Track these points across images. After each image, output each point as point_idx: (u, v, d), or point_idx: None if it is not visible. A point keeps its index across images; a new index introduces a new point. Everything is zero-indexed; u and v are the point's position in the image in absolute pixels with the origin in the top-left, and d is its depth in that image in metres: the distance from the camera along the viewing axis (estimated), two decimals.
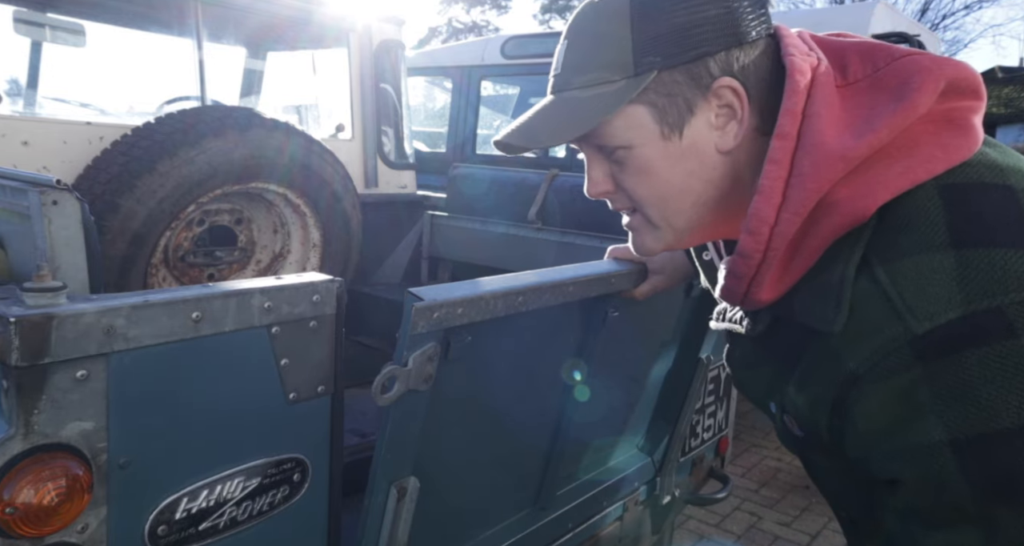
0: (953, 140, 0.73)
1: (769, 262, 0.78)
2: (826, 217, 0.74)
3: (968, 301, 0.66)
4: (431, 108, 8.50)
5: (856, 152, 0.73)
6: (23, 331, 0.82)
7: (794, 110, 0.76)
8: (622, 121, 0.80)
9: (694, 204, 0.84)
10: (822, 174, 0.73)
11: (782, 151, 0.75)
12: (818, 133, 0.74)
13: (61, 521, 0.89)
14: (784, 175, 0.75)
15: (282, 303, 1.08)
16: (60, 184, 1.19)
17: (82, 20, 2.96)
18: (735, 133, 0.80)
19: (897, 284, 0.69)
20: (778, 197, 0.75)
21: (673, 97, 0.79)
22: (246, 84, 3.59)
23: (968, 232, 0.69)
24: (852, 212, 0.72)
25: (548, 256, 2.66)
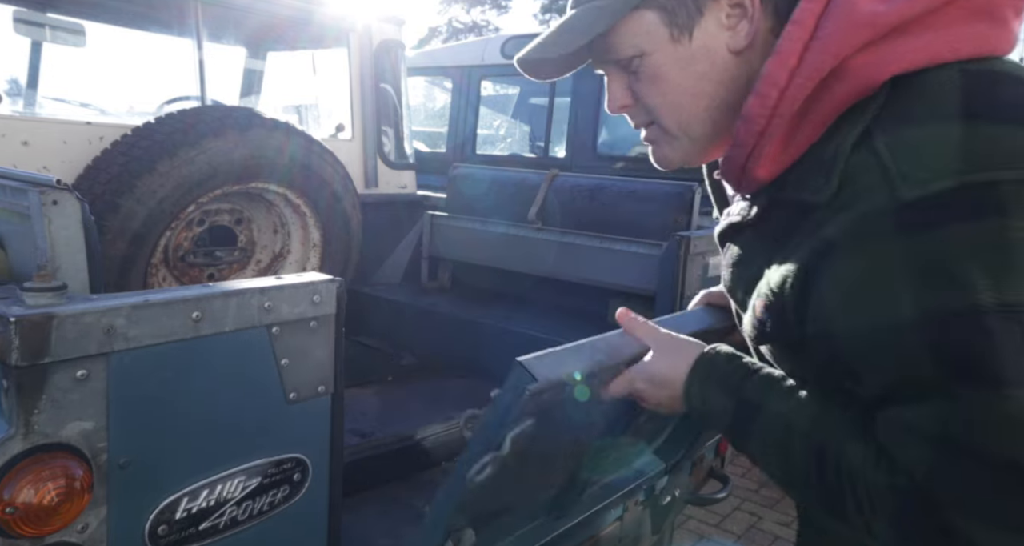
0: (987, 30, 0.71)
1: (772, 132, 0.75)
2: (836, 84, 0.71)
3: (964, 171, 0.63)
4: (431, 108, 8.50)
5: (885, 19, 0.70)
6: (23, 331, 0.82)
7: None
8: (632, 27, 0.81)
9: (707, 108, 0.83)
10: (845, 38, 0.71)
11: (809, 12, 0.73)
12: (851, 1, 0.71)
13: (61, 521, 0.89)
14: (805, 37, 0.73)
15: (282, 303, 1.08)
16: (60, 184, 1.19)
17: (82, 20, 2.96)
18: (747, 32, 0.78)
19: (894, 152, 0.67)
20: (794, 60, 0.73)
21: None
22: (246, 84, 3.59)
23: (983, 107, 0.66)
24: (862, 79, 0.70)
25: (548, 256, 2.66)
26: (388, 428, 1.92)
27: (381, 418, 2.01)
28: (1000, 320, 0.60)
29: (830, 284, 0.70)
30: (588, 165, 4.54)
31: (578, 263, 2.59)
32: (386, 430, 1.91)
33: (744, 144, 0.78)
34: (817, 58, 0.72)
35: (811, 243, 0.72)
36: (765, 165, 0.78)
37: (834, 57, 0.71)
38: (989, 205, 0.62)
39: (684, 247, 2.04)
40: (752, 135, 0.77)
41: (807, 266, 0.73)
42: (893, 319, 0.65)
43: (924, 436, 0.65)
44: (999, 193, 0.62)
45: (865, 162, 0.69)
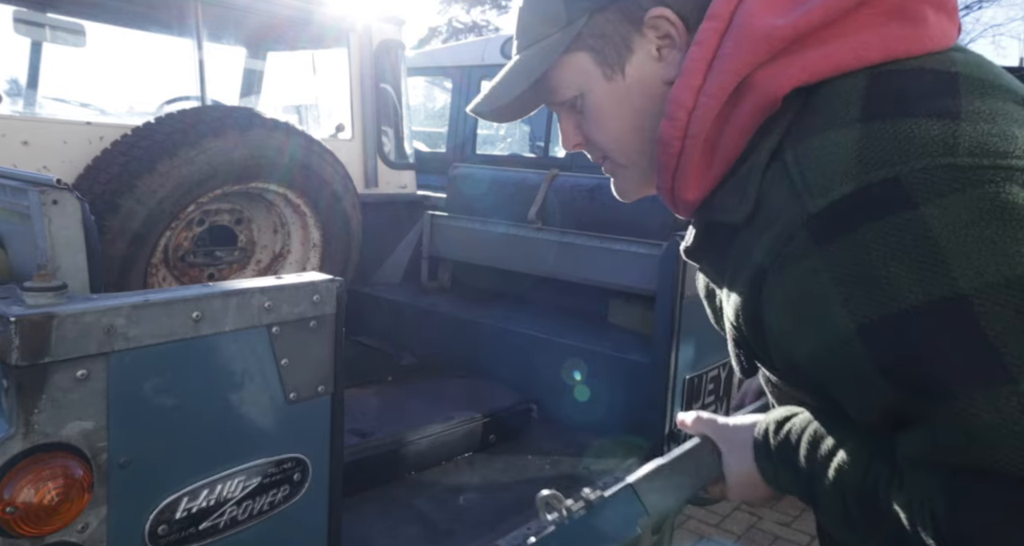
0: (897, 30, 0.68)
1: (689, 153, 0.75)
2: (742, 100, 0.71)
3: (864, 172, 0.61)
4: (431, 108, 8.50)
5: (781, 32, 0.69)
6: (23, 330, 0.82)
7: None
8: (566, 71, 0.83)
9: (651, 140, 0.82)
10: (743, 54, 0.70)
11: (710, 32, 0.73)
12: (747, 14, 0.71)
13: (61, 520, 0.89)
14: (708, 57, 0.72)
15: (282, 303, 1.08)
16: (60, 184, 1.19)
17: (82, 20, 2.96)
18: (677, 61, 0.77)
19: (799, 163, 0.66)
20: (698, 80, 0.73)
21: (609, 37, 0.79)
22: (246, 84, 3.60)
23: (881, 105, 0.64)
24: (764, 92, 0.69)
25: (548, 256, 2.66)
26: (388, 428, 1.93)
27: (381, 418, 2.01)
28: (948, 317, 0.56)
29: (773, 314, 0.69)
30: (588, 165, 4.53)
31: (578, 263, 2.59)
32: (386, 430, 1.91)
33: (666, 167, 0.78)
34: (718, 77, 0.71)
35: (745, 272, 0.71)
36: (690, 187, 0.78)
37: (734, 74, 0.71)
38: (895, 200, 0.59)
39: None
40: (671, 157, 0.77)
41: (750, 297, 0.71)
42: (835, 337, 0.62)
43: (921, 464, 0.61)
44: (902, 186, 0.59)
45: (776, 178, 0.68)
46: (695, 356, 2.14)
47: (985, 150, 0.58)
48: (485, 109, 0.89)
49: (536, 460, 2.07)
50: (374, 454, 1.83)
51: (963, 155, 0.58)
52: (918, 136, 0.60)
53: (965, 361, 0.55)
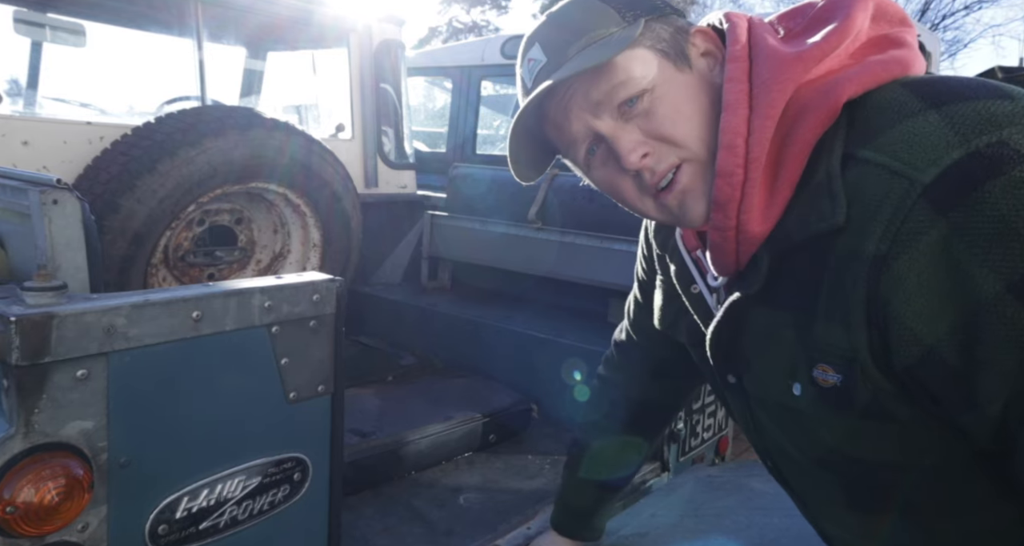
0: (901, 52, 0.77)
1: (753, 179, 0.75)
2: (800, 119, 0.74)
3: (967, 140, 0.63)
4: (431, 108, 8.50)
5: (809, 53, 0.76)
6: (24, 330, 0.82)
7: (739, 38, 0.80)
8: (637, 63, 0.81)
9: None
10: (783, 76, 0.75)
11: (738, 70, 0.78)
12: (767, 47, 0.78)
13: (61, 520, 0.89)
14: (746, 89, 0.77)
15: (282, 302, 1.08)
16: (60, 183, 1.19)
17: (82, 20, 2.96)
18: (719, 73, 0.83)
19: (886, 152, 0.68)
20: (745, 109, 0.76)
21: (667, 41, 0.83)
22: (246, 84, 3.60)
23: (942, 96, 0.68)
24: (824, 107, 0.73)
25: (548, 256, 2.66)
26: (388, 428, 1.93)
27: (381, 418, 2.01)
28: None
29: (901, 299, 0.66)
30: None
31: (578, 263, 2.59)
32: (386, 430, 1.91)
33: (729, 201, 0.77)
34: (766, 98, 0.75)
35: (859, 270, 0.69)
36: (757, 218, 0.76)
37: (781, 94, 0.75)
38: (1009, 157, 0.61)
39: None
40: (735, 187, 0.76)
41: (867, 297, 0.68)
42: (983, 301, 0.61)
43: None
44: (1011, 145, 0.61)
45: (863, 173, 0.69)
46: None
47: None
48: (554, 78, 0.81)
49: (536, 460, 2.07)
50: (374, 454, 1.83)
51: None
52: (998, 111, 0.64)
53: None
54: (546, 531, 1.46)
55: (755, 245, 0.79)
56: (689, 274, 0.99)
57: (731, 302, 0.85)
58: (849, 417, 0.76)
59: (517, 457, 2.08)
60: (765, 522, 1.43)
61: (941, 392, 0.68)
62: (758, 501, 1.56)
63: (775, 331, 0.81)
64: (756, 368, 0.87)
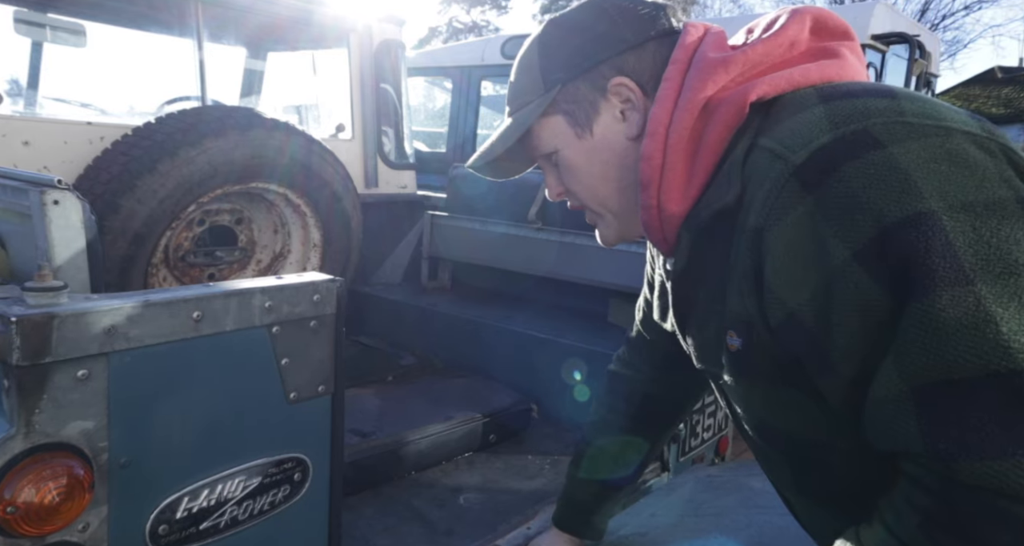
0: (827, 63, 0.85)
1: (671, 164, 0.86)
2: (715, 112, 0.83)
3: (836, 127, 0.72)
4: (431, 108, 8.50)
5: (733, 58, 0.85)
6: (24, 330, 0.83)
7: (685, 44, 0.89)
8: (544, 131, 0.98)
9: (618, 189, 0.96)
10: (706, 78, 0.85)
11: (674, 71, 0.88)
12: (702, 54, 0.87)
13: (62, 520, 0.90)
14: (676, 87, 0.87)
15: (283, 303, 1.08)
16: (61, 184, 1.19)
17: (82, 20, 2.96)
18: (637, 121, 0.92)
19: (774, 138, 0.77)
20: (671, 103, 0.86)
21: (579, 102, 0.94)
22: (246, 84, 3.60)
23: (835, 95, 0.78)
24: (734, 103, 0.82)
25: (548, 256, 2.66)
26: (388, 428, 1.93)
27: (381, 418, 2.01)
28: (923, 228, 0.65)
29: (771, 266, 0.75)
30: None
31: (578, 263, 2.59)
32: (386, 430, 1.92)
33: (651, 182, 0.87)
34: (688, 96, 0.85)
35: (744, 243, 0.78)
36: (676, 197, 0.87)
37: (701, 92, 0.84)
38: (867, 143, 0.70)
39: None
40: (655, 169, 0.87)
41: (750, 263, 0.77)
42: (835, 268, 0.69)
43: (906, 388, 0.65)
44: (871, 133, 0.70)
45: (756, 158, 0.78)
46: None
47: (926, 115, 0.72)
48: (480, 164, 1.04)
49: (536, 460, 2.07)
50: (374, 454, 1.83)
51: (910, 117, 0.72)
52: (873, 106, 0.74)
53: (941, 263, 0.64)
54: (547, 529, 1.47)
55: (676, 223, 0.89)
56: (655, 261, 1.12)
57: (672, 281, 0.97)
58: (757, 383, 0.86)
59: (517, 457, 2.08)
60: (764, 520, 1.43)
61: (803, 355, 0.76)
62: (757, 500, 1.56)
63: (707, 306, 0.91)
64: (699, 341, 0.97)
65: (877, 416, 0.69)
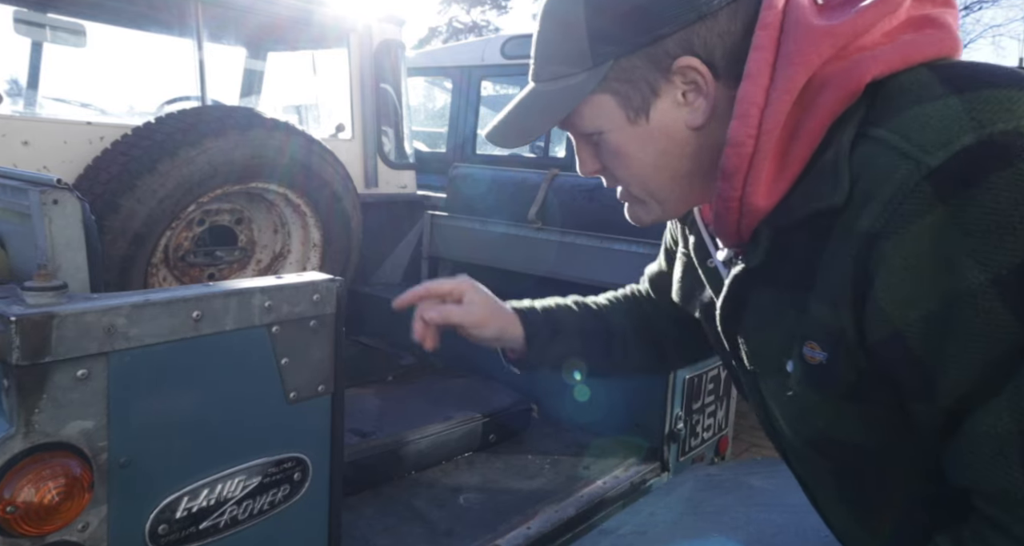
0: (938, 33, 0.73)
1: (763, 151, 0.74)
2: (820, 94, 0.72)
3: (981, 126, 0.61)
4: (431, 108, 8.50)
5: (841, 29, 0.72)
6: (24, 330, 0.83)
7: (774, 3, 0.75)
8: (589, 110, 0.82)
9: (672, 178, 0.84)
10: (810, 50, 0.72)
11: (766, 38, 0.74)
12: (801, 19, 0.74)
13: (62, 520, 0.90)
14: (771, 59, 0.74)
15: (282, 302, 1.08)
16: (61, 183, 1.19)
17: (82, 20, 2.96)
18: (704, 109, 0.79)
19: (899, 132, 0.66)
20: (765, 79, 0.73)
21: (635, 82, 0.79)
22: (246, 84, 3.60)
23: (966, 82, 0.66)
24: (846, 84, 0.70)
25: (548, 256, 2.66)
26: (388, 428, 1.93)
27: (381, 418, 2.01)
28: None
29: (882, 278, 0.66)
30: None
31: (578, 263, 2.59)
32: (386, 430, 1.92)
33: (736, 172, 0.76)
34: (788, 72, 0.72)
35: (848, 248, 0.68)
36: (763, 191, 0.75)
37: (804, 68, 0.72)
38: (1020, 147, 0.59)
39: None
40: (743, 158, 0.75)
41: (856, 273, 0.68)
42: (963, 291, 0.61)
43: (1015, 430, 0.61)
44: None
45: (871, 152, 0.67)
46: None
47: None
48: (499, 142, 0.89)
49: (536, 460, 2.07)
50: (374, 454, 1.83)
51: None
52: (1021, 102, 0.61)
53: None
54: None
55: (758, 218, 0.78)
56: (706, 247, 0.98)
57: (734, 276, 0.85)
58: (833, 397, 0.76)
59: (517, 457, 2.08)
60: (764, 518, 1.43)
61: (901, 377, 0.69)
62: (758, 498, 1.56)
63: (775, 309, 0.81)
64: (755, 344, 0.87)
65: (970, 450, 0.65)
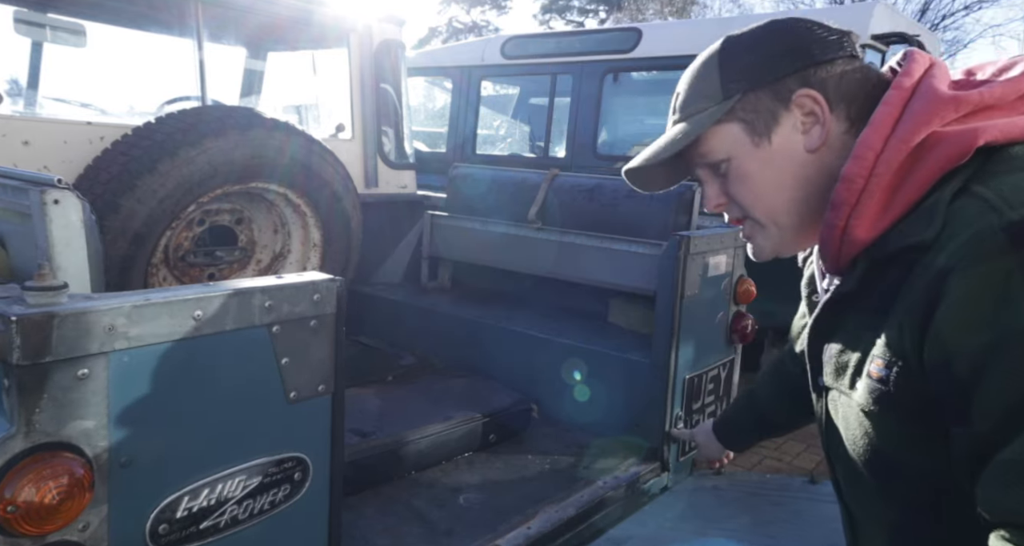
0: None
1: (871, 190, 0.83)
2: (933, 150, 0.81)
3: None
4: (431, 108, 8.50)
5: (968, 98, 0.82)
6: (24, 330, 0.83)
7: (911, 73, 0.87)
8: (718, 137, 0.95)
9: (790, 200, 0.94)
10: (932, 112, 0.82)
11: (896, 97, 0.85)
12: (930, 86, 0.84)
13: (62, 519, 0.90)
14: (895, 114, 0.84)
15: (283, 302, 1.08)
16: (61, 183, 1.19)
17: (82, 20, 2.96)
18: (819, 135, 0.91)
19: (993, 189, 0.75)
20: (887, 130, 0.84)
21: (759, 112, 0.93)
22: (246, 84, 3.60)
23: None
24: (959, 144, 0.79)
25: (548, 256, 2.66)
26: (388, 428, 1.93)
27: (381, 418, 2.01)
28: None
29: (947, 307, 0.73)
30: (588, 165, 4.54)
31: (578, 263, 2.59)
32: (386, 430, 1.92)
33: (844, 204, 0.86)
34: (908, 127, 0.82)
35: (923, 282, 0.77)
36: (865, 225, 0.85)
37: (924, 125, 0.82)
38: None
39: (684, 247, 2.04)
40: (853, 193, 0.85)
41: (924, 301, 0.76)
42: (1018, 327, 0.69)
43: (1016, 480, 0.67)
44: None
45: (966, 203, 0.76)
46: (695, 356, 2.15)
47: None
48: (636, 167, 1.02)
49: (536, 460, 2.07)
50: (374, 454, 1.83)
51: None
52: None
53: None
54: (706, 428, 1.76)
55: (857, 249, 0.87)
56: (814, 282, 1.08)
57: (828, 298, 0.95)
58: (889, 415, 0.85)
59: (517, 457, 2.08)
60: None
61: (946, 401, 0.76)
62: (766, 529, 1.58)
63: (857, 332, 0.89)
64: (836, 363, 0.95)
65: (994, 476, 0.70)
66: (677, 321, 2.05)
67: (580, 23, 25.27)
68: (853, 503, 1.01)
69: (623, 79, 4.74)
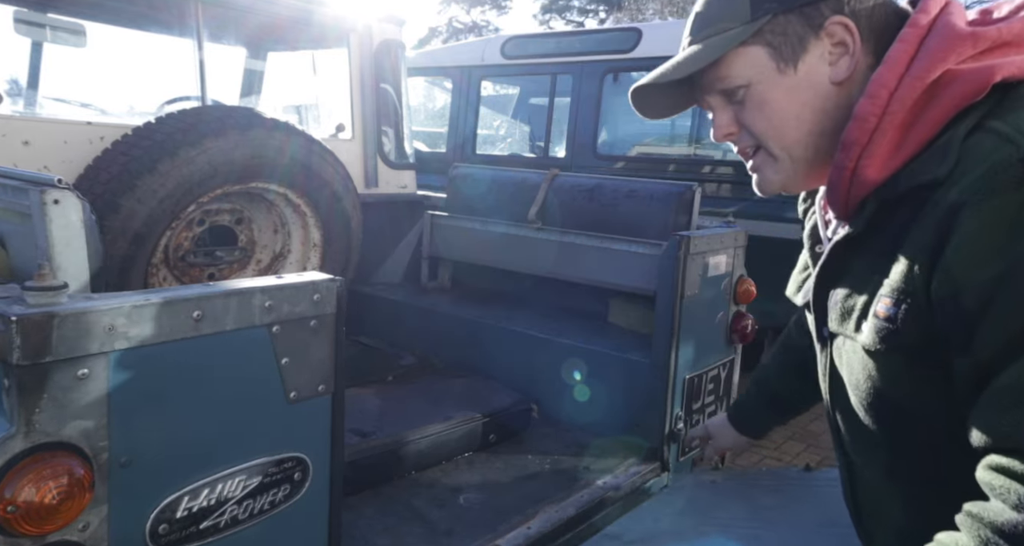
0: None
1: (884, 129, 0.81)
2: (948, 87, 0.79)
3: None
4: (431, 108, 8.51)
5: (986, 34, 0.80)
6: (24, 330, 0.83)
7: (928, 10, 0.84)
8: (741, 60, 0.90)
9: (809, 133, 0.90)
10: (949, 48, 0.80)
11: (912, 35, 0.83)
12: (949, 23, 0.82)
13: (62, 519, 0.90)
14: (911, 51, 0.82)
15: (283, 302, 1.09)
16: (61, 183, 1.19)
17: (82, 20, 2.96)
18: (847, 66, 0.87)
19: (1010, 124, 0.74)
20: (902, 67, 0.81)
21: (787, 36, 0.88)
22: (246, 84, 3.60)
23: None
24: (974, 81, 0.77)
25: (548, 256, 2.66)
26: (388, 428, 1.93)
27: (381, 418, 2.01)
28: None
29: (958, 241, 0.73)
30: (588, 165, 4.54)
31: (578, 263, 2.59)
32: (386, 430, 1.92)
33: (856, 143, 0.83)
34: (924, 64, 0.80)
35: (933, 219, 0.75)
36: (876, 164, 0.83)
37: (940, 62, 0.80)
38: None
39: (684, 247, 2.04)
40: (865, 132, 0.82)
41: (935, 236, 0.75)
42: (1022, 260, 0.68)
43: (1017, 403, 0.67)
44: None
45: (981, 138, 0.75)
46: (695, 356, 2.15)
47: None
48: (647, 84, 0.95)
49: (536, 460, 2.07)
50: (374, 454, 1.83)
51: None
52: None
53: None
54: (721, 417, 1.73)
55: (866, 190, 0.85)
56: (818, 234, 1.05)
57: (835, 242, 0.92)
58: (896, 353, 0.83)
59: (517, 457, 2.08)
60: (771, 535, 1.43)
61: (951, 333, 0.75)
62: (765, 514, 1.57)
63: (864, 274, 0.88)
64: (840, 308, 0.93)
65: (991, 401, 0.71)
66: (677, 321, 2.05)
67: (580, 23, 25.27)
68: (854, 451, 1.00)
69: (623, 79, 4.73)
